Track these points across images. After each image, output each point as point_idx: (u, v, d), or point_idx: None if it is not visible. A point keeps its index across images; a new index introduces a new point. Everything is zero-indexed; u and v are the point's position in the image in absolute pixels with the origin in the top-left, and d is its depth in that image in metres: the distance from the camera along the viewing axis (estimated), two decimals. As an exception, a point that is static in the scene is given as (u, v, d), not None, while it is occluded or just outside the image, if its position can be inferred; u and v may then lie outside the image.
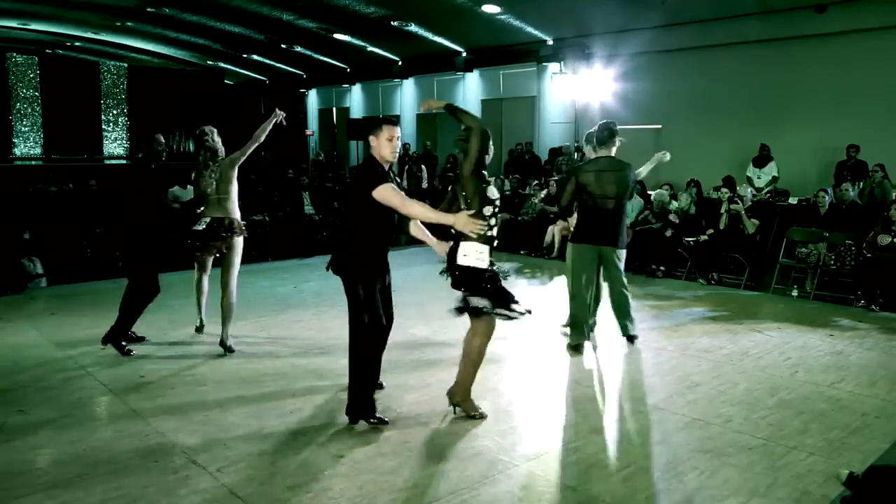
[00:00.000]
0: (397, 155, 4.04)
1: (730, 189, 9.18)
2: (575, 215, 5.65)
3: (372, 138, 3.91)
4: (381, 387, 4.39)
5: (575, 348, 5.53)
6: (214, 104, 19.11)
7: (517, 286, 8.31)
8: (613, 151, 5.48)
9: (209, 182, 5.33)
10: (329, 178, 14.23)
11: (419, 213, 3.90)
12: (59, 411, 4.19)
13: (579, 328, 5.57)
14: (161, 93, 18.70)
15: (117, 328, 5.27)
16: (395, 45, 15.64)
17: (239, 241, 5.39)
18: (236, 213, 5.43)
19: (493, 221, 3.93)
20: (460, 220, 3.81)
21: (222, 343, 5.34)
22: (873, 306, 7.06)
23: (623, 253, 5.58)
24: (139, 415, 4.14)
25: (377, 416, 3.97)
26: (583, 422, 4.16)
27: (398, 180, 4.05)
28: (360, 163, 4.35)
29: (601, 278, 5.72)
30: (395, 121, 4.05)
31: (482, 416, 4.08)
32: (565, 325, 5.97)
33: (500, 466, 3.49)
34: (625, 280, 5.63)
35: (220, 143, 5.49)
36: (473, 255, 3.88)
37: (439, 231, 4.16)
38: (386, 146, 3.89)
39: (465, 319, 6.26)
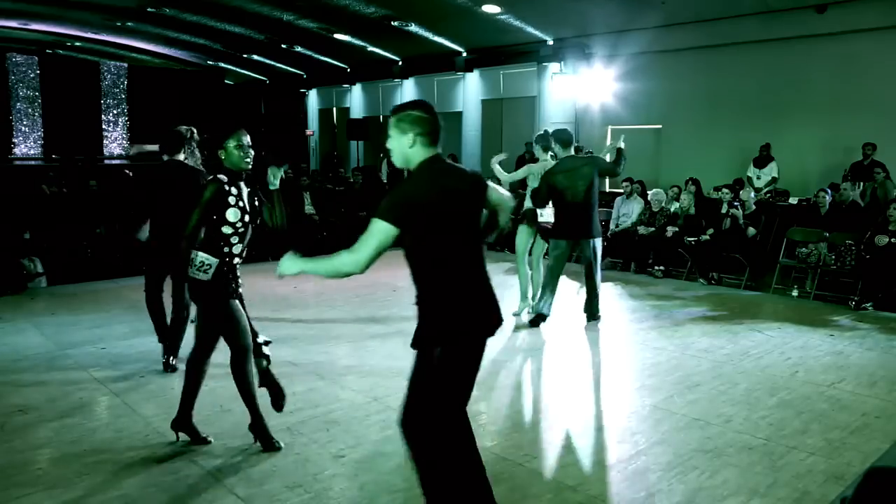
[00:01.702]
0: None
1: (733, 192, 9.11)
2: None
3: None
4: None
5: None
6: (214, 104, 19.12)
7: (517, 287, 8.31)
8: (571, 151, 6.35)
9: None
10: (329, 178, 14.21)
11: None
12: (59, 411, 4.19)
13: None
14: (161, 93, 18.72)
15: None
16: (396, 45, 15.63)
17: None
18: None
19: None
20: None
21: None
22: (864, 305, 7.06)
23: (599, 241, 6.32)
24: (139, 415, 4.14)
25: None
26: (583, 422, 4.16)
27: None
28: None
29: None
30: None
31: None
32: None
33: (500, 466, 3.48)
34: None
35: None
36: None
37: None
38: None
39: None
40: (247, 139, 3.56)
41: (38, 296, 7.48)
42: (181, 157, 5.17)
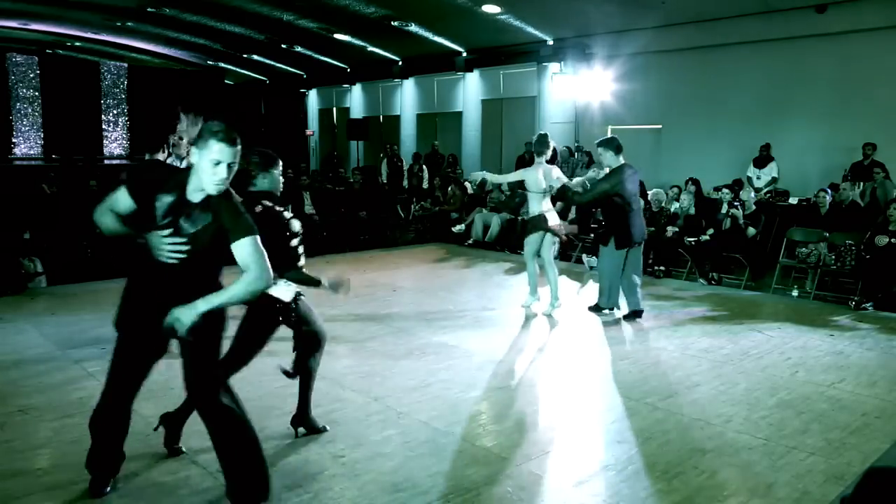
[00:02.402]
0: None
1: (733, 192, 9.12)
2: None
3: None
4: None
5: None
6: (214, 104, 19.11)
7: (517, 287, 8.32)
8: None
9: None
10: (329, 178, 14.22)
11: None
12: (59, 411, 4.19)
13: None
14: (161, 93, 18.71)
15: None
16: (396, 45, 15.63)
17: None
18: None
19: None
20: None
21: None
22: (864, 305, 7.07)
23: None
24: (139, 415, 4.12)
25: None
26: (583, 422, 4.16)
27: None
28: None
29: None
30: None
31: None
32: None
33: (500, 466, 3.49)
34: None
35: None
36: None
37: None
38: None
39: (468, 323, 6.23)
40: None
41: (38, 296, 7.47)
42: (161, 156, 5.26)
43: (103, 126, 18.77)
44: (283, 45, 16.88)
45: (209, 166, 2.72)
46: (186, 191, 2.79)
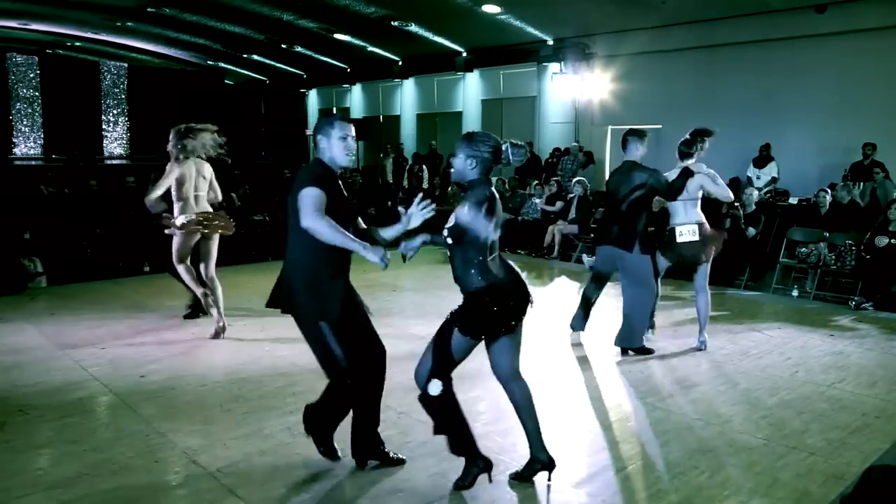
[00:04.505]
0: None
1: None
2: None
3: None
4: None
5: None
6: (214, 104, 19.12)
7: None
8: (636, 156, 5.47)
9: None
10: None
11: None
12: (59, 411, 4.19)
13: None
14: (161, 93, 18.71)
15: None
16: (395, 45, 15.64)
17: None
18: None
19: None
20: None
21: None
22: (864, 305, 7.06)
23: (630, 257, 5.46)
24: (139, 415, 4.14)
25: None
26: (583, 422, 4.16)
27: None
28: None
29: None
30: None
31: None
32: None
33: (500, 466, 3.48)
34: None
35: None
36: None
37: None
38: None
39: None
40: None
41: (38, 296, 7.47)
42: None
43: (103, 126, 18.77)
44: (283, 45, 16.89)
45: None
46: None
